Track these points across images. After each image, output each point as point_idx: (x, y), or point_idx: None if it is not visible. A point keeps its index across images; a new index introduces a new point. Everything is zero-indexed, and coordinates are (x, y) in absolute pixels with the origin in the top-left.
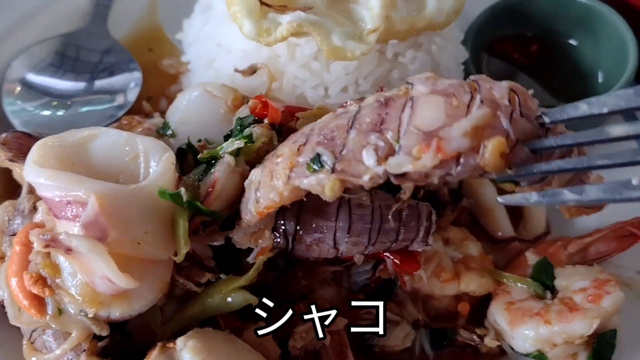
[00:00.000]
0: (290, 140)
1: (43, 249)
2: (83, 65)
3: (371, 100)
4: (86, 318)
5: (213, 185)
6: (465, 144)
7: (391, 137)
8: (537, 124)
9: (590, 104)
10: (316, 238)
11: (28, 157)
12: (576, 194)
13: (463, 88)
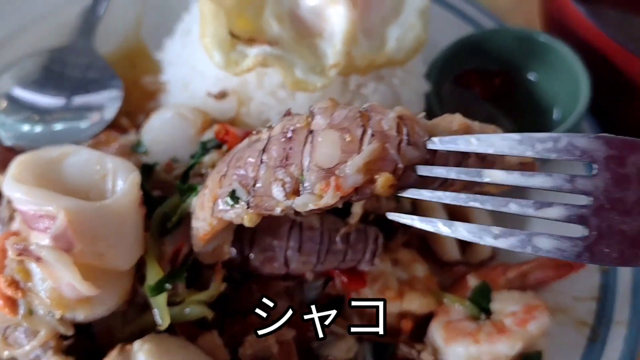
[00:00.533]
0: (215, 170)
1: (16, 257)
2: (67, 81)
3: (277, 131)
4: (53, 319)
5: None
6: (360, 179)
7: (296, 172)
8: (424, 149)
9: (480, 141)
10: (268, 255)
11: (7, 173)
12: (447, 227)
13: (356, 121)
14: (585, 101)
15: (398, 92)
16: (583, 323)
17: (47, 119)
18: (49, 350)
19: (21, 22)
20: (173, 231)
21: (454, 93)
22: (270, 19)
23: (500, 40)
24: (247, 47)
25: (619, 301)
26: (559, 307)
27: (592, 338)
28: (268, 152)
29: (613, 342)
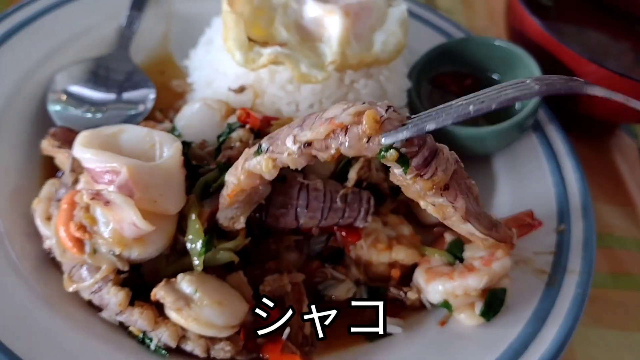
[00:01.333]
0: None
1: (89, 200)
2: (112, 82)
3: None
4: (113, 256)
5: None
6: (349, 119)
7: (307, 127)
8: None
9: (438, 120)
10: (282, 212)
11: (76, 141)
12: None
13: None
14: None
15: (384, 88)
16: (542, 271)
17: (99, 109)
18: (109, 282)
19: (68, 35)
20: (212, 196)
21: (431, 91)
22: (280, 27)
23: (470, 48)
24: (262, 48)
25: (572, 254)
26: (522, 259)
27: (550, 283)
28: (292, 124)
29: (567, 287)
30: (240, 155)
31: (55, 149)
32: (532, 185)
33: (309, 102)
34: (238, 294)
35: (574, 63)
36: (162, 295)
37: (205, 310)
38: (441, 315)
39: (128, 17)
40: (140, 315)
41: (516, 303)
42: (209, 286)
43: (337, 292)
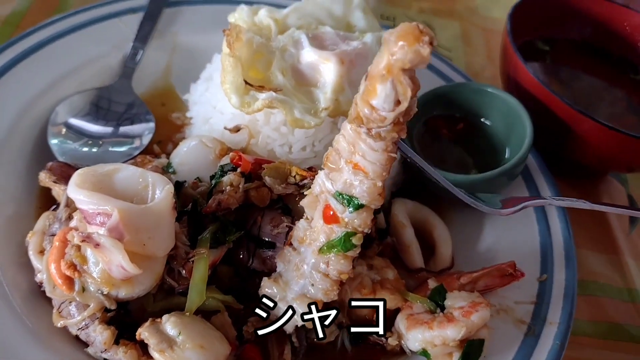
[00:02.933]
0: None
1: (80, 242)
2: (111, 114)
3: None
4: (101, 295)
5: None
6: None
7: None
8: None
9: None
10: (269, 254)
11: (71, 180)
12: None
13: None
14: (529, 141)
15: None
16: (521, 321)
17: (97, 143)
18: (95, 320)
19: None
20: (217, 247)
21: (423, 133)
22: (276, 71)
23: (463, 93)
24: (257, 92)
25: (553, 305)
26: (503, 308)
27: (529, 333)
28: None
29: (545, 337)
30: (230, 199)
31: (51, 183)
32: (518, 233)
33: (301, 144)
34: (221, 336)
35: (565, 114)
36: (146, 336)
37: (188, 353)
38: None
39: (132, 48)
40: (124, 355)
41: (495, 352)
42: (192, 329)
43: None
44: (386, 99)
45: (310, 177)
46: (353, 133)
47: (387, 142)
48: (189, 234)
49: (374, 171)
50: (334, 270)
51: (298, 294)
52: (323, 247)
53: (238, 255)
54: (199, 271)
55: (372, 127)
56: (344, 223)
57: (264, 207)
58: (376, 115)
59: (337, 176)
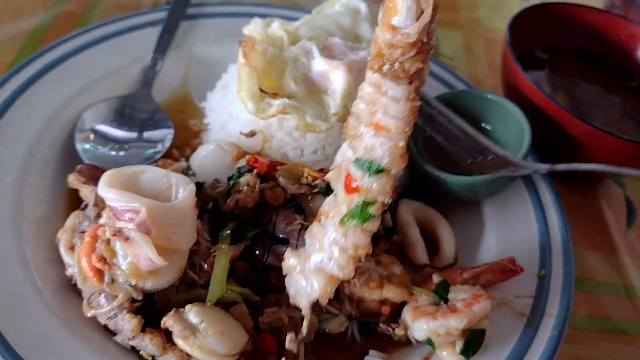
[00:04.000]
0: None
1: (111, 236)
2: (134, 121)
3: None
4: (129, 286)
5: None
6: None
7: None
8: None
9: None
10: (283, 251)
11: (100, 180)
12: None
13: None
14: (528, 144)
15: None
16: (521, 314)
17: (122, 147)
18: (124, 309)
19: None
20: (236, 243)
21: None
22: (289, 79)
23: (465, 99)
24: (272, 99)
25: (551, 298)
26: (503, 302)
27: (528, 325)
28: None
29: (544, 329)
30: (247, 199)
31: (80, 184)
32: (518, 232)
33: (313, 148)
34: (239, 325)
35: (562, 119)
36: (170, 324)
37: (209, 340)
38: (425, 352)
39: (152, 59)
40: (151, 341)
41: (495, 343)
42: (213, 317)
43: (331, 326)
44: (408, 11)
45: (322, 178)
46: (372, 88)
47: (410, 87)
48: (210, 231)
49: (397, 127)
50: (351, 243)
51: (316, 267)
52: (343, 219)
53: (254, 252)
54: (220, 265)
55: (396, 60)
56: (364, 190)
57: (278, 205)
58: (399, 37)
59: (358, 143)
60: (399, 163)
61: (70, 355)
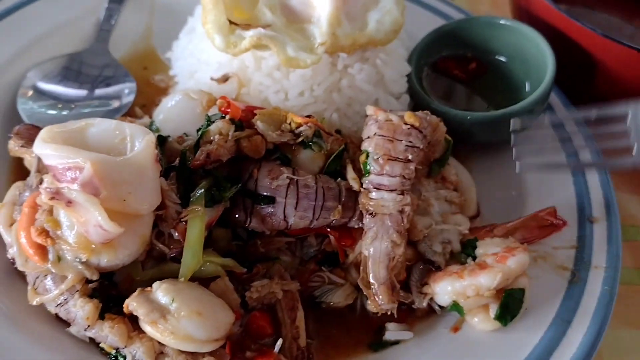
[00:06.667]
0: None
1: (49, 200)
2: (85, 77)
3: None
4: (80, 264)
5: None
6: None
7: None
8: None
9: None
10: (270, 211)
11: (37, 136)
12: None
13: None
14: (552, 74)
15: (382, 72)
16: (563, 268)
17: (69, 107)
18: (75, 293)
19: (44, 30)
20: (213, 206)
21: (434, 76)
22: (264, 8)
23: (473, 29)
24: (244, 30)
25: (596, 248)
26: (540, 256)
27: (573, 281)
28: None
29: (592, 284)
30: (220, 150)
31: (21, 149)
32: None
33: (298, 89)
34: (223, 303)
35: (586, 40)
36: (134, 306)
37: (183, 323)
38: (453, 321)
39: (107, 10)
40: (111, 330)
41: (536, 304)
42: (187, 295)
43: (336, 299)
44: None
45: (307, 124)
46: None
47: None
48: (180, 193)
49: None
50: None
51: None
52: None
53: (234, 216)
54: (194, 231)
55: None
56: None
57: (259, 158)
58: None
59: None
60: None
61: (16, 354)
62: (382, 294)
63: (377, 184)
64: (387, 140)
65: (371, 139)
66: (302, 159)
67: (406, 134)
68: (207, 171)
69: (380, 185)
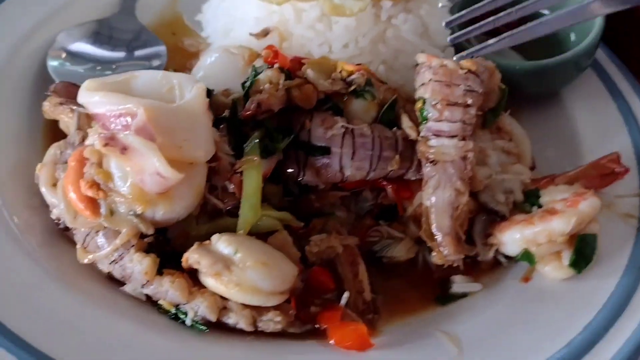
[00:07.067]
0: None
1: (103, 147)
2: (118, 41)
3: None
4: (135, 217)
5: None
6: None
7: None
8: None
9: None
10: (324, 162)
11: (81, 87)
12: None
13: None
14: (601, 24)
15: (426, 23)
16: (629, 216)
17: (110, 67)
18: (131, 248)
19: None
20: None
21: None
22: None
23: None
24: None
25: None
26: (604, 204)
27: None
28: None
29: None
30: (271, 99)
31: (58, 108)
32: (601, 125)
33: (343, 41)
34: (284, 256)
35: None
36: (195, 258)
37: (249, 273)
38: (521, 272)
39: None
40: (172, 285)
41: (606, 252)
42: (251, 245)
43: (397, 252)
44: None
45: (360, 72)
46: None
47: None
48: (231, 145)
49: None
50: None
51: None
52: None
53: (286, 170)
54: (251, 182)
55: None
56: None
57: (310, 109)
58: None
59: None
60: None
61: (69, 317)
62: (447, 245)
63: (436, 130)
64: (444, 85)
65: (426, 85)
66: (354, 109)
67: (464, 78)
68: (257, 122)
69: (440, 132)
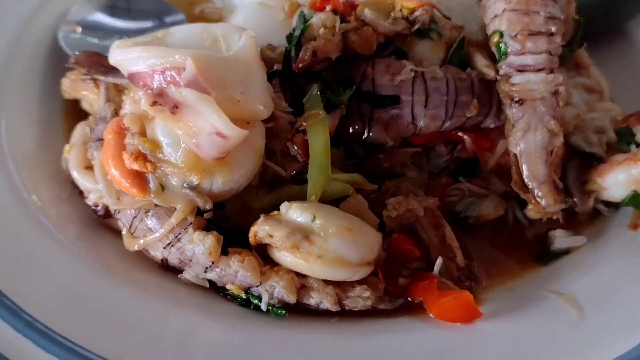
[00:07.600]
0: None
1: (150, 106)
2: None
3: None
4: (190, 191)
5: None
6: None
7: None
8: None
9: None
10: (394, 114)
11: (112, 47)
12: None
13: None
14: None
15: None
16: None
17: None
18: (188, 227)
19: None
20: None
21: None
22: None
23: None
24: None
25: None
26: None
27: None
28: None
29: None
30: (328, 45)
31: (80, 84)
32: None
33: None
34: (364, 222)
35: None
36: (267, 230)
37: (333, 242)
38: (626, 220)
39: None
40: (241, 265)
41: None
42: (329, 211)
43: (485, 210)
44: None
45: (423, 8)
46: None
47: None
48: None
49: None
50: None
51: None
52: None
53: (348, 128)
54: (318, 140)
55: None
56: None
57: (370, 55)
58: None
59: None
60: None
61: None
62: (544, 195)
63: (519, 65)
64: (522, 13)
65: (500, 16)
66: (420, 51)
67: (542, 4)
68: (313, 74)
69: (524, 67)
